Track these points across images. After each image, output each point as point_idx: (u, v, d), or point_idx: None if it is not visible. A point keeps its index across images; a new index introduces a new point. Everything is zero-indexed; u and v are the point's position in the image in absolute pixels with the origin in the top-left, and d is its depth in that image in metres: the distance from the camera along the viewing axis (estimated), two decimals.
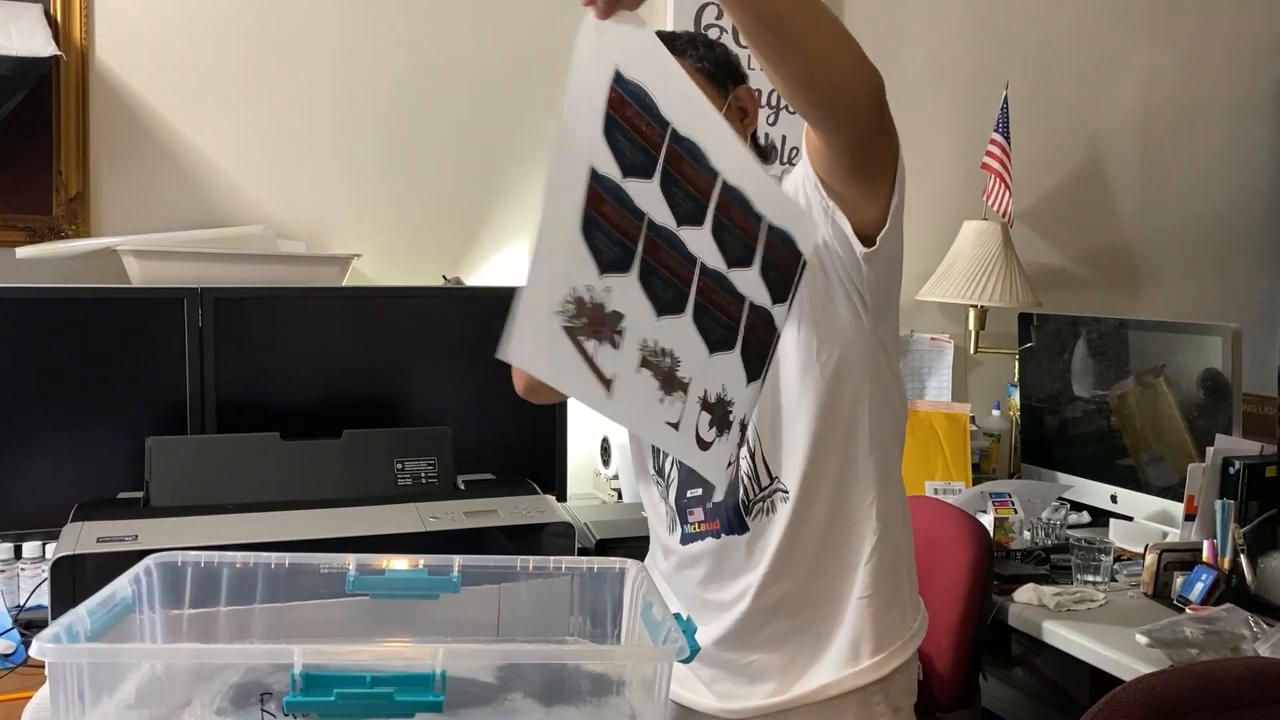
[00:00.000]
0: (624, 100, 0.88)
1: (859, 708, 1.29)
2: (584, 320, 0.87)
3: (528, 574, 1.04)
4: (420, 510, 1.70)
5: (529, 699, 0.87)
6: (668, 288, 0.93)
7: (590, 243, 0.87)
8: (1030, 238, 2.92)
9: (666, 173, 0.92)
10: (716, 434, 1.00)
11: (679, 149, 0.92)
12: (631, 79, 0.89)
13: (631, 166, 0.89)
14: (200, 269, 1.99)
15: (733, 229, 0.99)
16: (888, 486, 1.31)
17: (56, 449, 1.86)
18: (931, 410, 2.56)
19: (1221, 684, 1.33)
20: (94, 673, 0.79)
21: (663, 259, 0.92)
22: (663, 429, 0.95)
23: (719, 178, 0.96)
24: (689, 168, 0.94)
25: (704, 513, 1.31)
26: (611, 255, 0.89)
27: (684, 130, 0.93)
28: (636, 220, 0.90)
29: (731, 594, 1.31)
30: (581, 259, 0.87)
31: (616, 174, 0.89)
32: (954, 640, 1.94)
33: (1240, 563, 1.93)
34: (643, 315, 0.91)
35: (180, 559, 0.98)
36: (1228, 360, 2.23)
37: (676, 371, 0.94)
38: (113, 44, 2.14)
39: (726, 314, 0.99)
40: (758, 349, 1.03)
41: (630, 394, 0.91)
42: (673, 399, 0.94)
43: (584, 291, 0.87)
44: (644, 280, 0.91)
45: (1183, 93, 3.09)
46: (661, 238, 0.92)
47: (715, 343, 0.98)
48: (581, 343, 0.87)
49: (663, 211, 0.92)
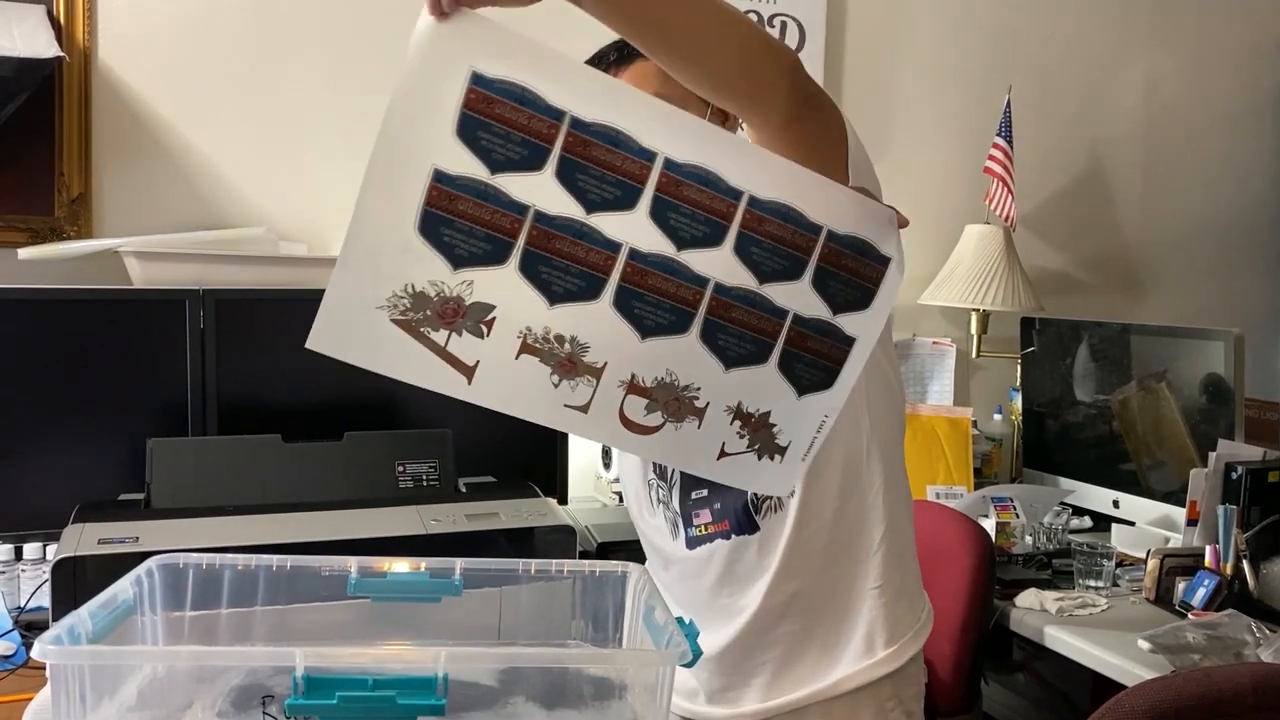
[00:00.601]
0: (490, 98, 0.91)
1: (875, 712, 1.28)
2: (426, 312, 0.94)
3: (529, 577, 1.04)
4: (421, 513, 1.69)
5: (530, 702, 0.87)
6: (567, 276, 0.96)
7: (435, 240, 0.92)
8: (1032, 242, 2.92)
9: (566, 161, 0.93)
10: (671, 422, 1.03)
11: (584, 135, 0.93)
12: (497, 76, 0.91)
13: (507, 162, 0.92)
14: (202, 270, 1.99)
15: (685, 208, 0.98)
16: (892, 475, 1.31)
17: (57, 450, 1.86)
18: (933, 414, 2.56)
19: (1224, 690, 1.32)
20: (95, 675, 0.79)
21: (559, 249, 0.95)
22: (562, 411, 1.00)
23: (657, 158, 0.95)
24: (604, 154, 0.94)
25: (711, 514, 1.30)
26: (472, 250, 0.93)
27: (594, 115, 0.93)
28: (515, 214, 0.93)
29: (746, 597, 1.29)
30: (421, 256, 0.92)
31: (481, 171, 0.92)
32: (955, 645, 1.94)
33: (1243, 568, 1.93)
34: (527, 305, 0.95)
35: (182, 561, 0.98)
36: (1230, 365, 2.23)
37: (582, 357, 0.98)
38: (115, 45, 2.14)
39: (672, 298, 0.99)
40: (733, 335, 1.03)
41: (503, 380, 0.97)
42: (576, 382, 0.99)
43: (427, 286, 0.93)
44: (527, 271, 0.94)
45: (1185, 98, 3.09)
46: (557, 228, 0.95)
47: (651, 327, 1.00)
48: (426, 334, 0.94)
49: (561, 201, 0.94)
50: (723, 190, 0.98)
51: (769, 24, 2.62)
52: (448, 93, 0.90)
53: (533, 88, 0.92)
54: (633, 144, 0.95)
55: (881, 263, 1.04)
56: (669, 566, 1.36)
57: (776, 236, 1.00)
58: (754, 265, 1.01)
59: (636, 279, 0.98)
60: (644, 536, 1.41)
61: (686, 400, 1.03)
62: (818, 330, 1.04)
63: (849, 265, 1.03)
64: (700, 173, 0.97)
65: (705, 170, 0.97)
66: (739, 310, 1.02)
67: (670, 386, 1.03)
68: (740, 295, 1.01)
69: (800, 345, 1.04)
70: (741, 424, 1.06)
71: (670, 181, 0.96)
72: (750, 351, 1.04)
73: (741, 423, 1.06)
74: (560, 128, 0.93)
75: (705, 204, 0.98)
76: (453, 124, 0.91)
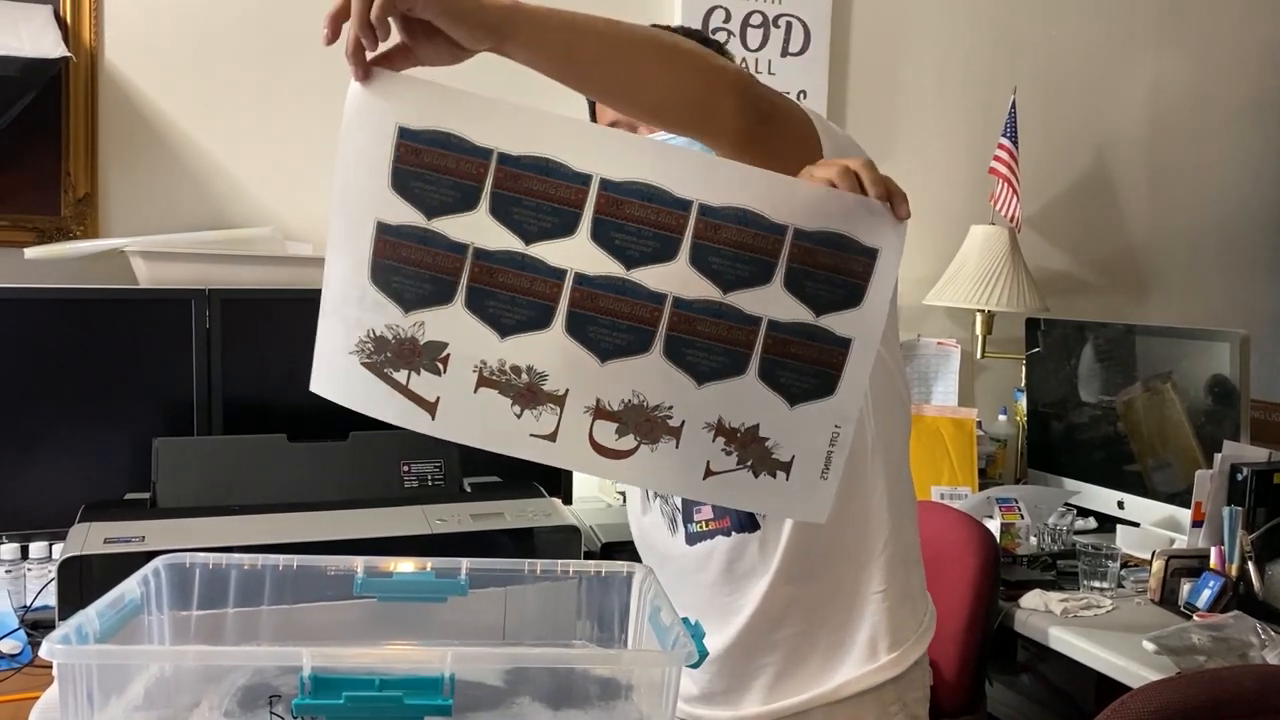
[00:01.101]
0: (417, 149, 0.95)
1: (878, 717, 1.28)
2: (387, 354, 0.99)
3: (535, 577, 1.03)
4: (427, 513, 1.70)
5: (536, 703, 0.87)
6: (514, 308, 0.97)
7: (385, 288, 0.97)
8: (1038, 243, 2.92)
9: (499, 197, 0.95)
10: (645, 445, 1.01)
11: (515, 168, 0.95)
12: (424, 128, 0.95)
13: (441, 206, 0.96)
14: (208, 270, 2.00)
15: (631, 226, 0.96)
16: (896, 479, 1.31)
17: (63, 449, 1.87)
18: (938, 415, 2.56)
19: (1229, 692, 1.32)
20: (102, 674, 0.79)
21: (502, 281, 0.97)
22: (529, 441, 1.00)
23: (592, 181, 0.95)
24: (535, 184, 0.95)
25: (712, 510, 1.29)
26: (418, 293, 0.97)
27: (521, 149, 0.95)
28: (455, 254, 0.96)
29: (745, 596, 1.29)
30: (377, 303, 0.98)
31: (418, 218, 0.96)
32: (960, 646, 1.94)
33: (1248, 570, 1.92)
34: (477, 339, 0.97)
35: (188, 560, 0.98)
36: (1235, 366, 2.22)
37: (541, 385, 0.98)
38: (122, 45, 2.15)
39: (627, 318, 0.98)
40: (701, 349, 1.00)
41: (465, 414, 0.99)
42: (539, 411, 0.99)
43: (385, 330, 0.98)
44: (472, 308, 0.97)
45: (1190, 98, 3.09)
46: (498, 262, 0.96)
47: (609, 349, 0.98)
48: (389, 374, 0.99)
49: (499, 236, 0.96)
50: (669, 203, 0.96)
51: (774, 24, 2.62)
52: (379, 150, 0.95)
53: (457, 132, 0.95)
54: (565, 170, 0.95)
55: (867, 255, 0.99)
56: (666, 565, 1.34)
57: (736, 242, 0.97)
58: (714, 275, 0.98)
59: (587, 303, 0.97)
60: (640, 536, 1.41)
61: (659, 420, 1.01)
62: (801, 334, 1.00)
63: (826, 262, 0.99)
64: (642, 189, 0.96)
65: (647, 185, 0.96)
66: (704, 323, 0.99)
67: (639, 408, 1.00)
68: (704, 307, 0.99)
69: (782, 352, 1.00)
70: (726, 440, 1.01)
71: (609, 202, 0.95)
72: (723, 364, 1.00)
73: (726, 439, 1.01)
74: (489, 165, 0.95)
75: (651, 219, 0.96)
76: (387, 178, 0.96)
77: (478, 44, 0.95)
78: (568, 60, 1.00)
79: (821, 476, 1.02)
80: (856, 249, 0.99)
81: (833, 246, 0.99)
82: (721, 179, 0.98)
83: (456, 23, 0.93)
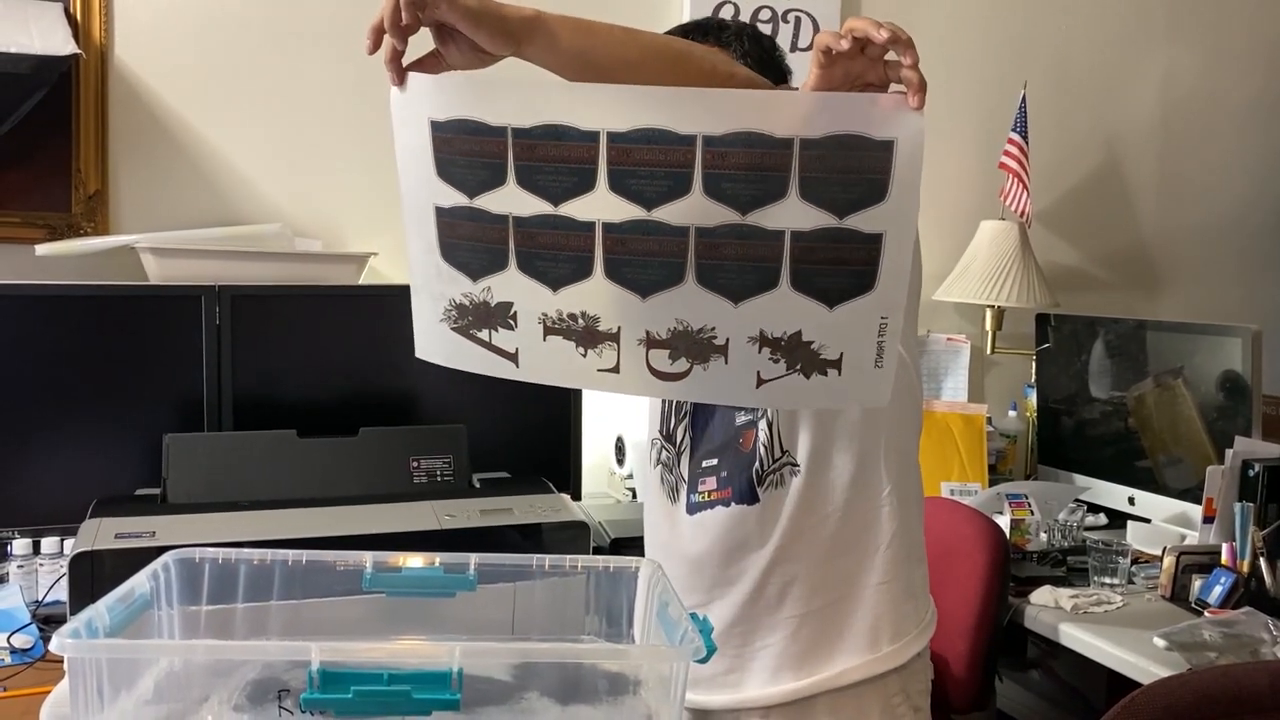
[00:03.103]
0: (447, 139, 1.05)
1: (882, 708, 1.29)
2: (469, 318, 1.10)
3: (543, 572, 1.04)
4: (436, 508, 1.70)
5: (545, 698, 0.87)
6: (558, 264, 1.06)
7: (454, 262, 1.09)
8: (1048, 238, 2.91)
9: (522, 168, 1.04)
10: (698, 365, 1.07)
11: (529, 139, 1.02)
12: (448, 118, 1.04)
13: (479, 185, 1.05)
14: (218, 267, 2.00)
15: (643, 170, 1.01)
16: (905, 475, 1.31)
17: (75, 446, 1.87)
18: (948, 411, 2.55)
19: (1241, 688, 1.32)
20: (112, 668, 0.79)
21: (544, 242, 1.05)
22: (597, 376, 1.09)
23: (599, 136, 1.01)
24: (551, 150, 1.03)
25: (717, 481, 1.31)
26: (481, 263, 1.08)
27: (530, 120, 1.02)
28: (499, 225, 1.06)
29: (740, 568, 1.29)
30: (451, 277, 1.09)
31: (462, 199, 1.06)
32: (969, 642, 1.93)
33: (1260, 566, 1.92)
34: (534, 295, 1.07)
35: (198, 555, 0.98)
36: (1247, 361, 2.21)
37: (597, 326, 1.07)
38: (132, 43, 2.15)
39: (657, 254, 1.04)
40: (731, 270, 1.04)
41: (541, 359, 1.09)
42: (600, 349, 1.08)
43: (462, 298, 1.10)
44: (524, 269, 1.07)
45: (1202, 92, 3.07)
46: (535, 225, 1.05)
47: (647, 285, 1.05)
48: (475, 335, 1.11)
49: (530, 203, 1.04)
50: (674, 141, 1.01)
51: (783, 19, 2.62)
52: (421, 143, 1.06)
53: (473, 116, 1.03)
54: (573, 131, 1.02)
55: (883, 149, 1.00)
56: (664, 533, 1.35)
57: (744, 164, 1.00)
58: (730, 199, 1.02)
59: (619, 248, 1.05)
60: (649, 507, 1.41)
61: (705, 341, 1.07)
62: (828, 239, 1.02)
63: (840, 164, 1.00)
64: (645, 133, 1.01)
65: (649, 129, 1.01)
66: (729, 246, 1.03)
67: (686, 334, 1.07)
68: (726, 231, 1.03)
69: (811, 259, 1.03)
70: (771, 350, 1.06)
71: (619, 152, 1.01)
72: (755, 281, 1.04)
73: (770, 349, 1.06)
74: (506, 141, 1.03)
75: (660, 160, 1.02)
76: (433, 168, 1.07)
77: (500, 49, 1.04)
78: (584, 66, 1.07)
79: (876, 365, 1.07)
80: (870, 145, 1.00)
81: (844, 148, 1.00)
82: (719, 108, 1.01)
83: (479, 28, 1.02)
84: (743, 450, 1.29)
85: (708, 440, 1.32)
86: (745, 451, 1.28)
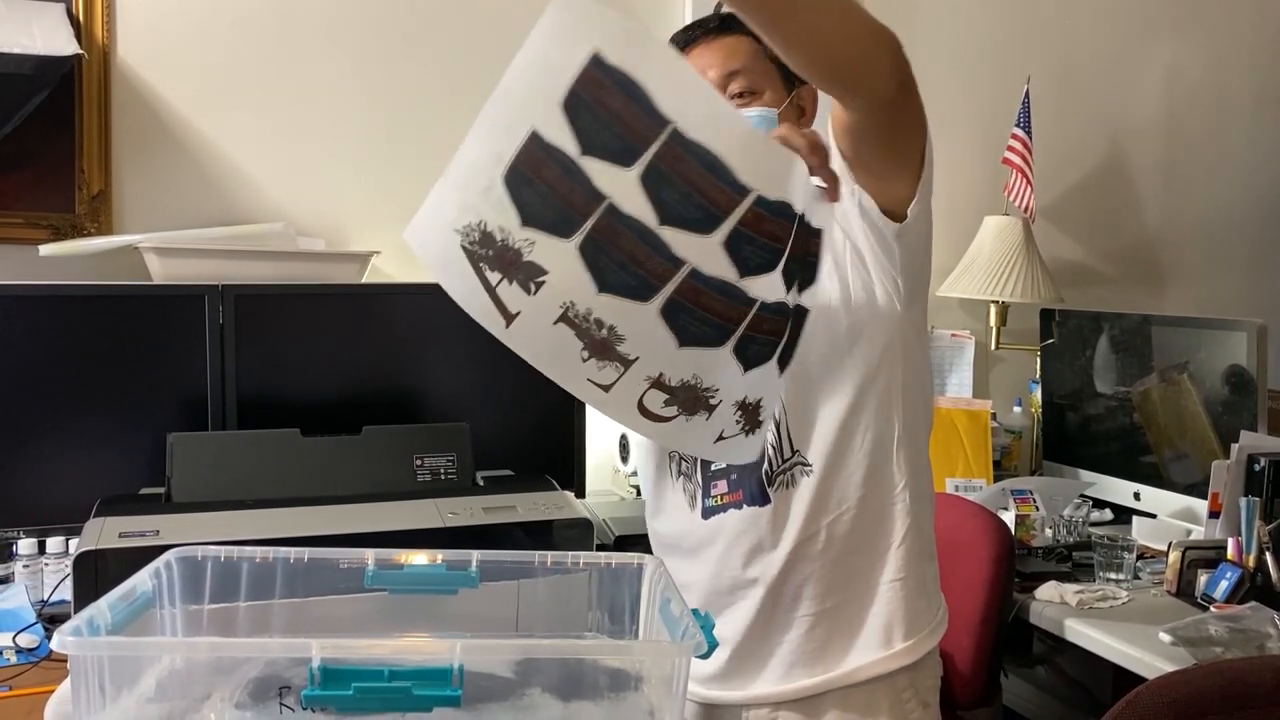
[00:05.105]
0: (602, 84, 0.91)
1: (891, 703, 1.28)
2: (488, 253, 0.96)
3: (546, 570, 1.03)
4: (439, 506, 1.70)
5: (547, 694, 0.86)
6: (623, 272, 0.97)
7: (514, 193, 0.95)
8: (1052, 233, 2.90)
9: (656, 170, 0.93)
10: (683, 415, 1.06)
11: (682, 151, 0.93)
12: (616, 65, 0.90)
13: (597, 148, 0.93)
14: (221, 266, 2.00)
15: (760, 241, 0.99)
16: (917, 473, 1.31)
17: (79, 445, 1.88)
18: (953, 407, 2.55)
19: (1246, 683, 1.31)
20: (114, 666, 0.79)
21: (622, 245, 0.96)
22: (584, 383, 1.02)
23: (749, 195, 0.96)
24: (696, 174, 0.94)
25: (728, 484, 1.30)
26: (542, 215, 0.95)
27: (695, 135, 0.92)
28: (591, 199, 0.94)
29: (757, 570, 1.29)
30: (499, 203, 0.95)
31: (571, 148, 0.93)
32: (975, 638, 1.93)
33: (1265, 560, 1.91)
34: (577, 283, 0.97)
35: (200, 553, 0.98)
36: (1252, 356, 2.21)
37: (615, 345, 1.00)
38: (134, 43, 2.16)
39: (720, 316, 1.02)
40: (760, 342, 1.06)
41: (537, 337, 0.99)
42: (604, 365, 1.01)
43: (496, 230, 0.96)
44: (585, 254, 0.96)
45: (1207, 86, 3.06)
46: (626, 225, 0.95)
47: (692, 338, 1.02)
48: (482, 270, 0.98)
49: (638, 203, 0.95)
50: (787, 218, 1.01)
51: None
52: (565, 65, 0.91)
53: (645, 86, 0.91)
54: (728, 176, 0.95)
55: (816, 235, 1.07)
56: (683, 541, 1.34)
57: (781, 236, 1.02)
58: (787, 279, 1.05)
59: (690, 296, 0.99)
60: (655, 522, 1.40)
61: (704, 398, 1.06)
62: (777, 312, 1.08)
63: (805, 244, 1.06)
64: (781, 207, 0.99)
65: (784, 204, 0.99)
66: (768, 321, 1.05)
67: (693, 388, 1.05)
68: (773, 307, 1.05)
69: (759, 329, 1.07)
70: (741, 413, 1.09)
71: (755, 217, 0.98)
72: (768, 353, 1.07)
73: (741, 412, 1.09)
74: (660, 135, 0.92)
75: (776, 236, 1.01)
76: (561, 96, 0.92)
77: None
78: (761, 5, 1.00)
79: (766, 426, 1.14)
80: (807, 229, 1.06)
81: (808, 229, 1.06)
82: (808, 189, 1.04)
83: None
84: None
85: None
86: None
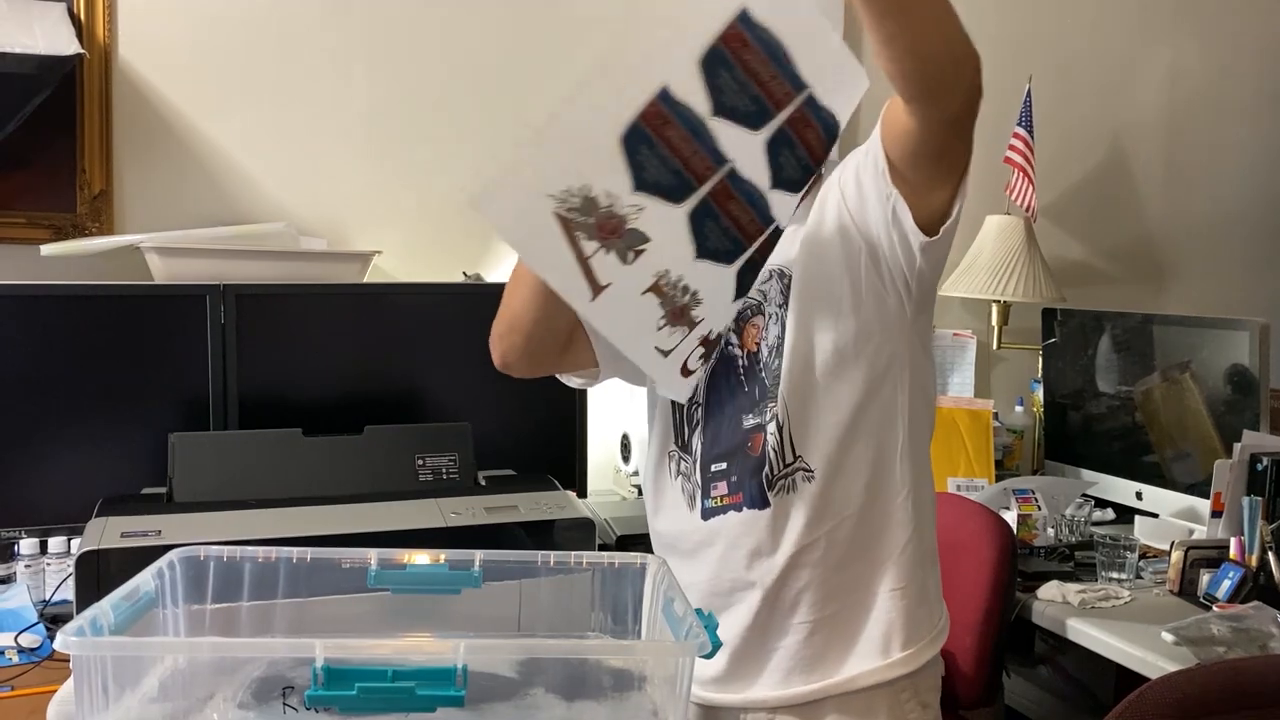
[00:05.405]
0: (747, 43, 0.86)
1: (890, 706, 1.28)
2: (588, 219, 0.88)
3: (548, 569, 1.03)
4: (441, 506, 1.70)
5: (550, 694, 0.86)
6: (724, 238, 0.92)
7: (630, 155, 0.87)
8: (1054, 232, 2.90)
9: (782, 134, 0.89)
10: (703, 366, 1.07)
11: (813, 117, 0.89)
12: (762, 24, 0.86)
13: (729, 109, 0.87)
14: (222, 266, 2.00)
15: None
16: (920, 479, 1.31)
17: (81, 445, 1.88)
18: (954, 406, 2.54)
19: (1249, 682, 1.31)
20: (117, 666, 0.79)
21: (733, 211, 0.91)
22: (649, 351, 0.97)
23: None
24: (815, 138, 0.91)
25: (728, 486, 1.29)
26: (658, 179, 0.88)
27: (828, 103, 0.89)
28: (714, 162, 0.89)
29: (755, 574, 1.28)
30: (611, 165, 0.87)
31: (703, 107, 0.87)
32: (977, 638, 1.93)
33: (1268, 560, 1.91)
34: (676, 249, 0.91)
35: (203, 553, 0.98)
36: (1255, 355, 2.20)
37: (691, 310, 0.96)
38: (136, 42, 2.15)
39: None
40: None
41: (621, 309, 0.92)
42: (674, 330, 0.97)
43: (601, 195, 0.87)
44: (694, 220, 0.90)
45: (1208, 86, 3.06)
46: (742, 192, 0.91)
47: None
48: (577, 238, 0.88)
49: (757, 168, 0.90)
50: None
51: None
52: (710, 18, 0.86)
53: (789, 49, 0.87)
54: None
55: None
56: (681, 542, 1.34)
57: None
58: None
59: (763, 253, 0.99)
60: (655, 521, 1.40)
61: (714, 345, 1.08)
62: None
63: None
64: None
65: None
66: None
67: (717, 341, 1.07)
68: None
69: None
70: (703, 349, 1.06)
71: None
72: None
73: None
74: (795, 99, 0.88)
75: None
76: (700, 52, 0.86)
77: None
78: None
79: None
80: None
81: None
82: None
83: None
84: (751, 454, 1.28)
85: (716, 443, 1.31)
86: (754, 455, 1.27)
